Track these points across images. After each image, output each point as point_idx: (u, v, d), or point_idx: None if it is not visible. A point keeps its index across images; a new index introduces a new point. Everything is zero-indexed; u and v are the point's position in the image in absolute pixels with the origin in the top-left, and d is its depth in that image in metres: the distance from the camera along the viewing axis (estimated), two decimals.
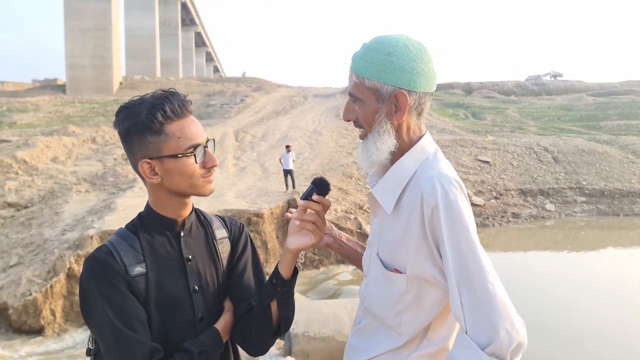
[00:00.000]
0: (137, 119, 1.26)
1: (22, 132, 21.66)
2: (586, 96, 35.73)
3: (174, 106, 1.27)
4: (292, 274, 1.39)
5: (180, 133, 1.27)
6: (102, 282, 1.24)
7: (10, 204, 13.11)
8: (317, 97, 32.36)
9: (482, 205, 15.11)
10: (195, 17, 69.48)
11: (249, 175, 15.19)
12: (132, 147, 1.30)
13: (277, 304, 1.38)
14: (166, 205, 1.35)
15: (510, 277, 9.47)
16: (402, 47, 1.28)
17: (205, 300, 1.38)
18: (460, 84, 40.89)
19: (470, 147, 18.88)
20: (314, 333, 6.09)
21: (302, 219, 1.35)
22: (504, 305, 1.15)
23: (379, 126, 1.31)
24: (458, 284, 1.18)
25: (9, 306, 7.99)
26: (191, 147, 1.28)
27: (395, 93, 1.27)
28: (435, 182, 1.22)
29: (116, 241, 1.32)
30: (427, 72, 1.29)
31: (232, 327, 1.42)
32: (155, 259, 1.32)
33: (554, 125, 27.31)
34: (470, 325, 1.16)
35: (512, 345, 1.13)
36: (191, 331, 1.35)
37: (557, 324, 7.33)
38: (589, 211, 15.60)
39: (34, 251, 9.56)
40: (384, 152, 1.31)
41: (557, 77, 45.55)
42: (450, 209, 1.20)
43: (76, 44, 37.46)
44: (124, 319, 1.22)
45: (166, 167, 1.28)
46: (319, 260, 10.99)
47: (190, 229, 1.40)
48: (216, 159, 1.34)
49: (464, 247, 1.18)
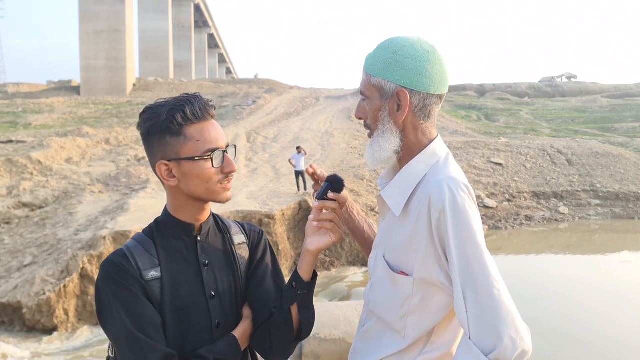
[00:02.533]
0: (157, 120, 1.26)
1: (37, 133, 21.93)
2: (601, 98, 35.38)
3: (195, 109, 1.26)
4: (311, 277, 1.37)
5: (199, 136, 1.27)
6: (117, 286, 1.24)
7: (25, 204, 13.27)
8: (329, 98, 32.36)
9: (494, 208, 15.00)
10: (208, 19, 69.87)
11: (261, 176, 15.22)
12: (152, 148, 1.30)
13: (298, 308, 1.36)
14: (184, 210, 1.34)
15: (523, 281, 9.39)
16: (409, 47, 1.28)
17: (223, 307, 1.36)
18: (473, 86, 40.70)
19: (482, 149, 18.77)
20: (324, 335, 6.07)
21: (320, 219, 1.35)
22: (509, 311, 1.13)
23: (382, 124, 1.32)
24: (463, 289, 1.17)
25: (24, 305, 8.09)
26: (209, 150, 1.27)
27: (397, 91, 1.28)
28: (444, 185, 1.22)
29: (132, 245, 1.32)
30: (432, 74, 1.28)
31: (250, 334, 1.39)
32: (171, 264, 1.31)
33: (568, 127, 27.06)
34: (474, 331, 1.15)
35: (516, 353, 1.12)
36: (208, 338, 1.33)
37: (571, 328, 7.25)
38: (603, 214, 15.42)
39: (48, 251, 9.66)
40: (387, 151, 1.31)
41: (571, 79, 45.15)
42: (458, 213, 1.19)
43: (90, 46, 37.88)
44: (138, 324, 1.22)
45: (183, 169, 1.28)
46: (330, 262, 10.98)
47: (207, 234, 1.39)
48: (235, 165, 1.32)
49: (470, 252, 1.17)
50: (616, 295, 8.80)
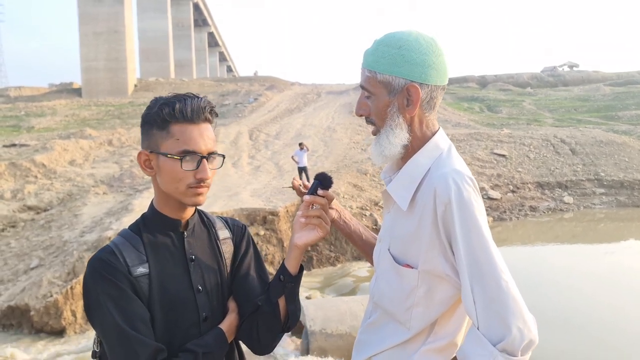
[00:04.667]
0: (150, 110, 1.31)
1: (40, 136, 21.98)
2: (603, 86, 35.19)
3: (185, 108, 1.27)
4: (298, 270, 1.40)
5: (180, 135, 1.28)
6: (106, 282, 1.25)
7: (30, 207, 13.32)
8: (331, 94, 32.32)
9: (498, 199, 14.96)
10: (208, 18, 69.81)
11: (264, 173, 15.23)
12: (142, 135, 1.35)
13: (285, 300, 1.39)
14: (168, 205, 1.36)
15: (529, 271, 9.37)
16: (413, 40, 1.29)
17: (210, 301, 1.39)
18: (474, 77, 40.53)
19: (485, 140, 18.71)
20: (331, 330, 6.09)
21: (307, 214, 1.37)
22: (516, 302, 1.16)
23: (391, 120, 1.32)
24: (471, 280, 1.19)
25: (31, 308, 8.12)
26: (184, 152, 1.28)
27: (407, 86, 1.29)
28: (449, 178, 1.23)
29: (119, 242, 1.33)
30: (438, 65, 1.30)
31: (237, 327, 1.42)
32: (159, 260, 1.33)
33: (571, 116, 26.95)
34: (482, 322, 1.17)
35: (524, 343, 1.14)
36: (196, 331, 1.35)
37: (578, 318, 7.24)
38: (608, 203, 15.36)
39: (54, 253, 9.71)
40: (397, 146, 1.32)
41: (573, 68, 44.94)
42: (463, 206, 1.20)
43: (90, 47, 37.92)
44: (127, 319, 1.23)
45: (159, 163, 1.31)
46: (335, 257, 10.99)
47: (193, 230, 1.41)
48: (208, 172, 1.30)
49: (477, 244, 1.19)
50: (623, 284, 8.78)
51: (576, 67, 45.29)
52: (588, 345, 6.40)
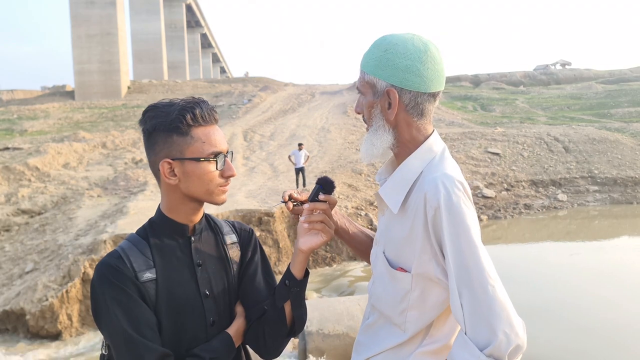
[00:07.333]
0: (165, 118, 1.29)
1: (33, 140, 21.88)
2: (596, 84, 35.41)
3: (204, 112, 1.31)
4: (304, 275, 1.40)
5: (205, 138, 1.30)
6: (113, 287, 1.25)
7: (24, 210, 13.27)
8: (324, 94, 32.34)
9: (493, 198, 15.03)
10: (201, 19, 69.68)
11: (259, 174, 15.23)
12: (155, 145, 1.32)
13: (291, 305, 1.39)
14: (179, 210, 1.36)
15: (524, 269, 9.42)
16: (401, 45, 1.29)
17: (217, 305, 1.39)
18: (467, 76, 40.67)
19: (479, 139, 18.78)
20: (328, 330, 6.09)
21: (311, 220, 1.37)
22: (503, 307, 1.16)
23: (375, 121, 1.34)
24: (458, 285, 1.19)
25: (27, 312, 8.09)
26: (214, 153, 1.31)
27: (388, 89, 1.30)
28: (439, 183, 1.23)
29: (127, 246, 1.33)
30: (423, 72, 1.28)
31: (244, 331, 1.42)
32: (166, 265, 1.33)
33: (564, 114, 27.09)
34: (469, 327, 1.18)
35: (510, 348, 1.14)
36: (203, 336, 1.35)
37: (572, 314, 7.28)
38: (601, 200, 15.46)
39: (49, 257, 9.67)
40: (378, 148, 1.34)
41: (565, 66, 45.20)
42: (453, 210, 1.20)
43: (83, 50, 37.78)
44: (134, 325, 1.24)
45: (186, 169, 1.30)
46: (331, 258, 11.01)
47: (200, 235, 1.41)
48: (234, 169, 1.37)
49: (465, 249, 1.19)
50: (617, 280, 8.83)
51: (569, 65, 45.55)
52: (583, 341, 6.44)
